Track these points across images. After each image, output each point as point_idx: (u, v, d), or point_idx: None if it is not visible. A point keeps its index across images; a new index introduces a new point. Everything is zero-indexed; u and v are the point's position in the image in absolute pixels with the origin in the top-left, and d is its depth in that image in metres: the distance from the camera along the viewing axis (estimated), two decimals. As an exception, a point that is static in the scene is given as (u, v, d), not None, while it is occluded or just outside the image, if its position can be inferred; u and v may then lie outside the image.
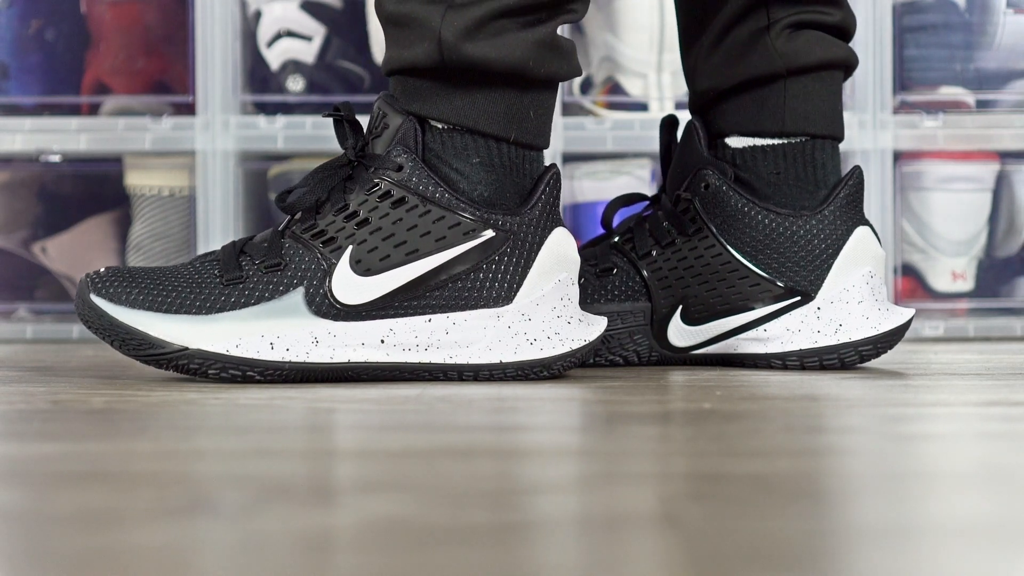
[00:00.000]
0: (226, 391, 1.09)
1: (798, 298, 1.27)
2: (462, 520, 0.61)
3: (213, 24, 1.81)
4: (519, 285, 1.15)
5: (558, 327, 1.16)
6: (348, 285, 1.13)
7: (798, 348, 1.27)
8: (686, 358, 1.31)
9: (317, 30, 1.87)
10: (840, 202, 1.28)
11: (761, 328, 1.27)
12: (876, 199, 1.82)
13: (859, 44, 1.81)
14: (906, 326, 1.28)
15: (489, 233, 1.15)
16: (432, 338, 1.14)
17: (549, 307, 1.16)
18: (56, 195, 1.91)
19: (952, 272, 1.88)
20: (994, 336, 1.83)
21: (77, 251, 1.88)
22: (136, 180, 1.87)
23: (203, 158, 1.81)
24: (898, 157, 1.85)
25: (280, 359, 1.12)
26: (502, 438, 0.89)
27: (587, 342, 1.17)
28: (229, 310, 1.13)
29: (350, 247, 1.14)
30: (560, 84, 1.20)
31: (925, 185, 1.88)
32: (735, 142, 1.30)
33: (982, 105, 1.88)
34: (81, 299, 1.15)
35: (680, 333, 1.30)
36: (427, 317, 1.14)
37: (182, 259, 1.86)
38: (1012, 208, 1.90)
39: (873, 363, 1.36)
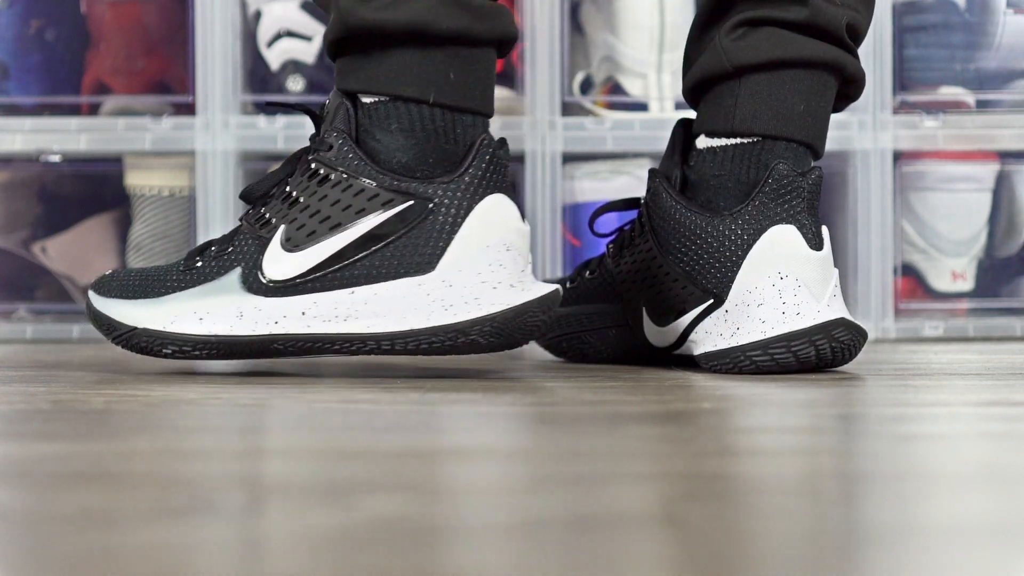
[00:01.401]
0: (226, 391, 1.10)
1: (712, 301, 1.23)
2: (462, 520, 0.61)
3: (213, 24, 1.81)
4: (442, 253, 1.15)
5: (479, 292, 1.14)
6: (276, 261, 1.17)
7: (704, 351, 1.23)
8: (670, 358, 1.31)
9: (317, 30, 1.87)
10: (759, 201, 1.22)
11: (694, 331, 1.25)
12: (876, 199, 1.82)
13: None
14: (814, 331, 1.19)
15: (408, 202, 1.15)
16: (352, 309, 1.15)
17: (474, 272, 1.14)
18: (56, 195, 1.91)
19: (952, 272, 1.88)
20: (994, 336, 1.83)
21: (77, 251, 1.88)
22: (136, 180, 1.87)
23: (203, 158, 1.81)
24: (898, 157, 1.85)
25: (207, 333, 1.17)
26: (502, 438, 0.89)
27: (509, 306, 1.14)
28: (174, 292, 1.19)
29: (282, 226, 1.17)
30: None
31: (925, 185, 1.88)
32: (701, 142, 1.27)
33: (982, 105, 1.88)
34: (85, 295, 1.22)
35: (654, 334, 1.30)
36: (351, 289, 1.16)
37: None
38: (1012, 208, 1.90)
39: (873, 364, 1.36)
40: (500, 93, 1.82)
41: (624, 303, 1.32)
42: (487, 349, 1.16)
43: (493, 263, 1.15)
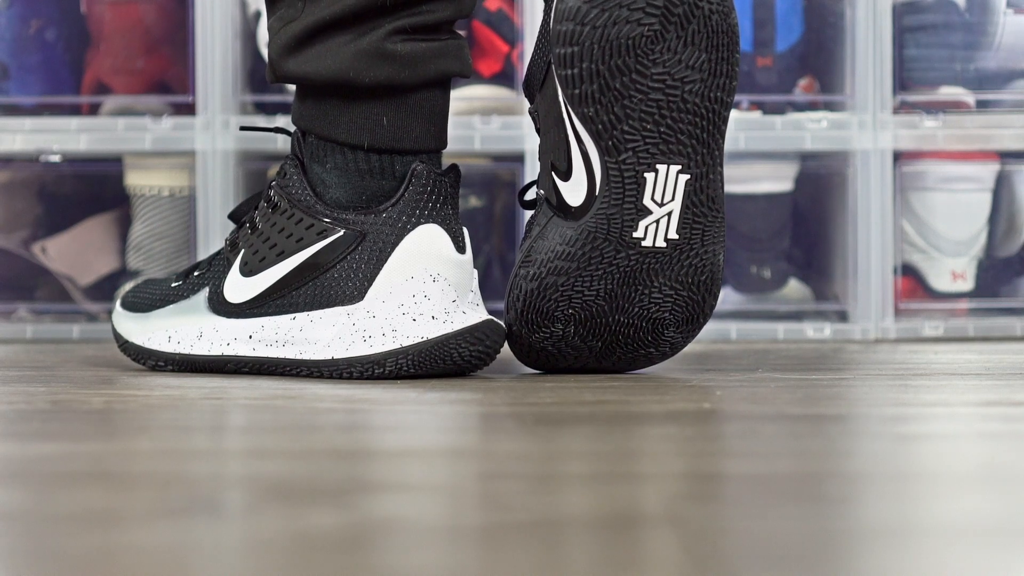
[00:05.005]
0: (226, 391, 1.10)
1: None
2: (462, 520, 0.61)
3: (213, 24, 1.81)
4: (370, 283, 1.16)
5: (397, 324, 1.15)
6: (234, 285, 1.22)
7: None
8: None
9: (317, 30, 1.87)
10: None
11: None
12: (876, 199, 1.82)
13: (859, 44, 1.82)
14: None
15: (339, 232, 1.17)
16: (289, 335, 1.19)
17: (396, 304, 1.16)
18: (56, 195, 1.91)
19: (952, 272, 1.88)
20: (994, 336, 1.83)
21: (77, 251, 1.88)
22: (136, 180, 1.87)
23: (203, 158, 1.81)
24: (898, 157, 1.85)
25: (172, 351, 1.23)
26: (501, 438, 0.89)
27: (424, 339, 1.14)
28: (157, 308, 1.25)
29: (242, 251, 1.22)
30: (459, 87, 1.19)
31: (925, 185, 1.88)
32: None
33: (982, 105, 1.88)
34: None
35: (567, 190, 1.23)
36: (292, 315, 1.19)
37: (182, 260, 1.86)
38: (1012, 208, 1.90)
39: (873, 364, 1.36)
40: (500, 93, 1.83)
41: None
42: (413, 377, 1.16)
43: (417, 294, 1.16)
